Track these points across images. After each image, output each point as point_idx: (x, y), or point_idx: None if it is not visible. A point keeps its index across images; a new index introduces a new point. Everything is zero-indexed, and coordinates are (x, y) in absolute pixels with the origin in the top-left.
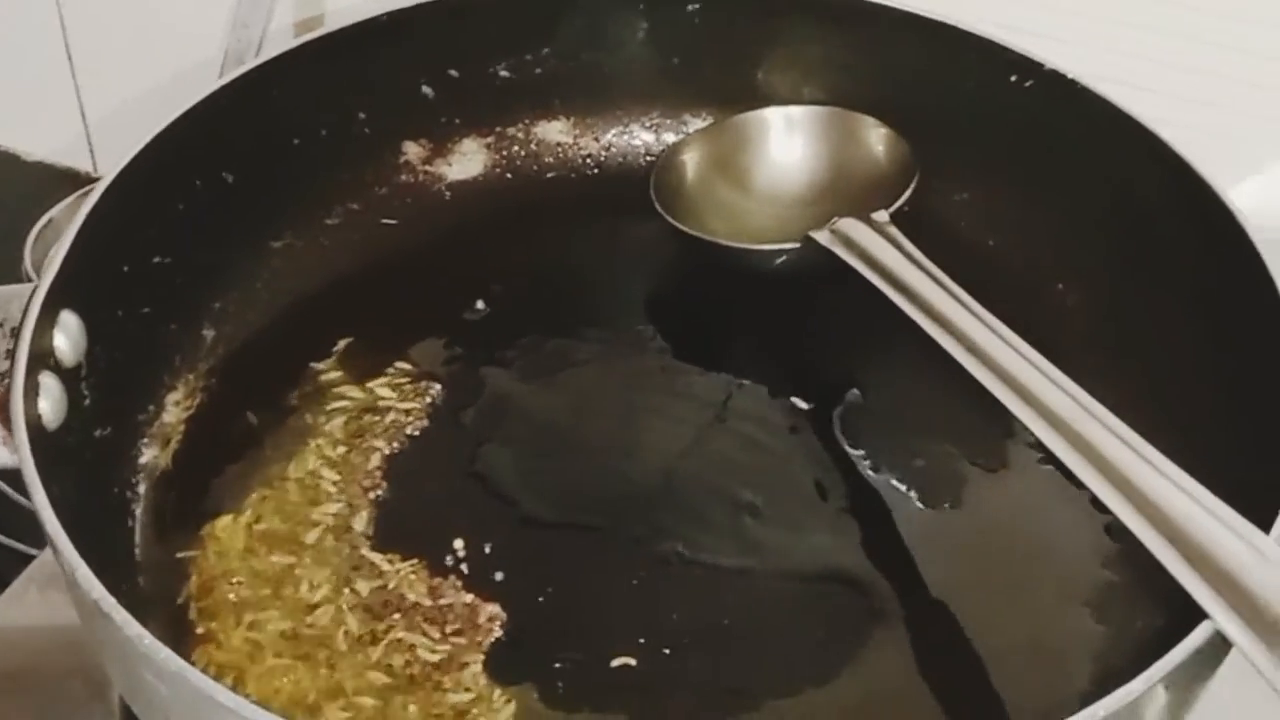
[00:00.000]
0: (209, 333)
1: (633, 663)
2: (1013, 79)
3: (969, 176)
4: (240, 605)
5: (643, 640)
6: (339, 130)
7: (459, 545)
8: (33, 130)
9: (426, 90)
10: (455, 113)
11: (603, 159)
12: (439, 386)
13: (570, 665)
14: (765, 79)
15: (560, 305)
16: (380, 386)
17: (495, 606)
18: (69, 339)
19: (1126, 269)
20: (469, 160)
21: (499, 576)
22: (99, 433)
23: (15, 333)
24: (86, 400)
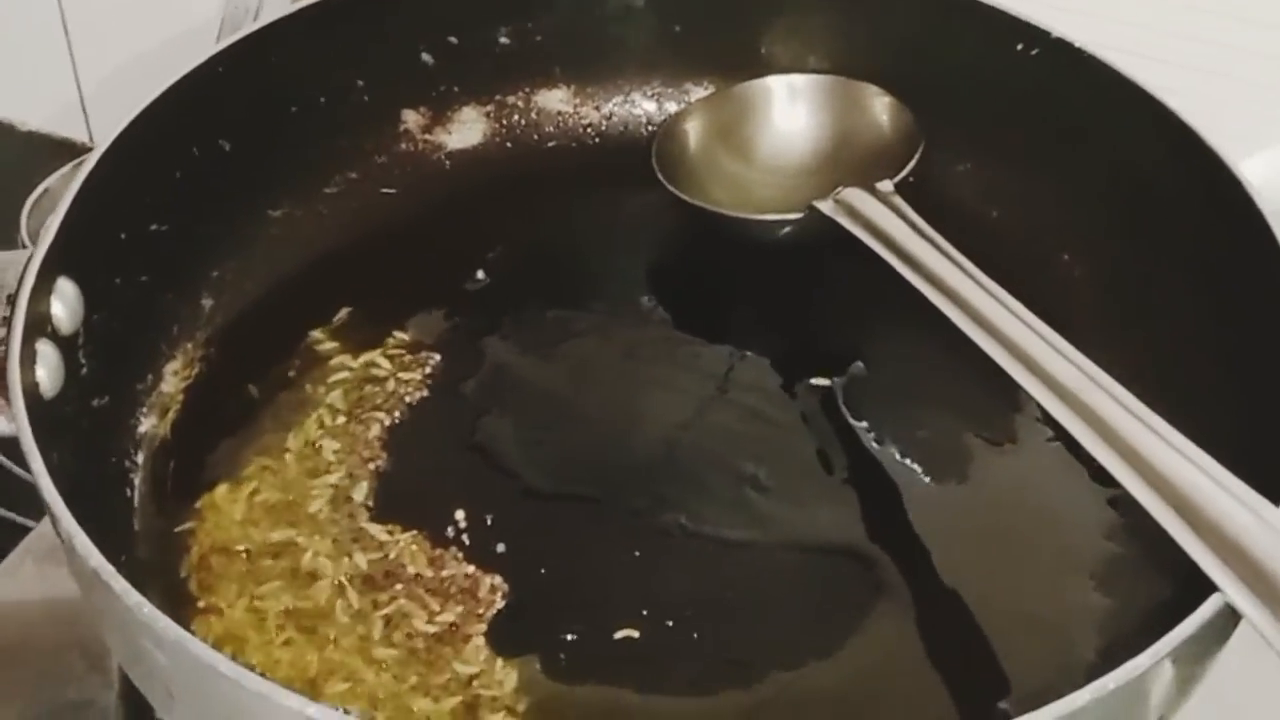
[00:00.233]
0: (207, 302)
1: (635, 634)
2: (1019, 47)
3: (973, 146)
4: (240, 577)
5: (645, 612)
6: (337, 98)
7: (460, 516)
8: (28, 99)
9: (426, 58)
10: (455, 81)
11: (604, 128)
12: (439, 357)
13: (573, 637)
14: (768, 47)
15: (561, 275)
16: (380, 356)
17: (497, 578)
18: (66, 306)
19: (1132, 240)
20: (469, 129)
21: (500, 548)
22: (97, 402)
23: (12, 300)
24: (84, 369)
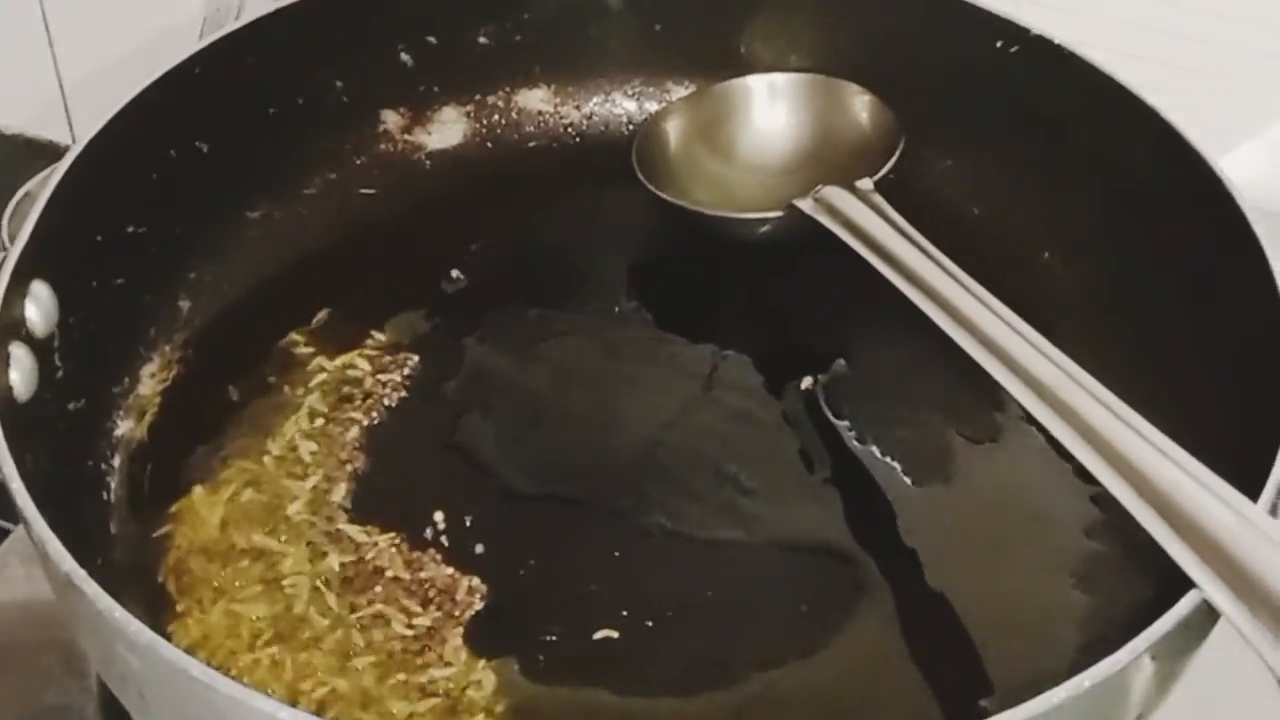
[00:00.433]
0: (184, 304)
1: (615, 635)
2: (999, 44)
3: (954, 144)
4: (218, 580)
5: (625, 612)
6: (316, 98)
7: (439, 518)
8: (9, 102)
9: (405, 58)
10: (434, 81)
11: (584, 127)
12: (418, 358)
13: (552, 638)
14: (748, 46)
15: (542, 275)
16: (359, 358)
17: (476, 579)
18: (40, 309)
19: (1113, 237)
20: (448, 129)
21: (479, 549)
22: (72, 405)
23: None
24: (59, 372)
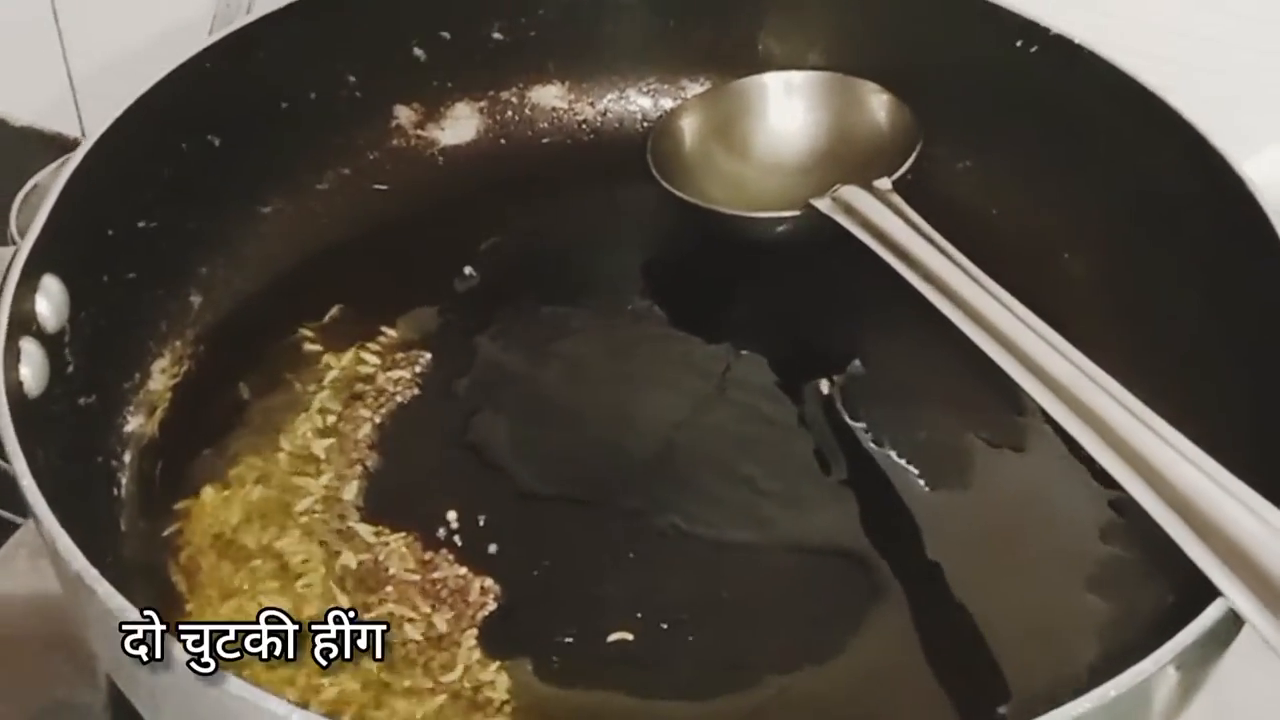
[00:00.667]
0: (196, 299)
1: (629, 637)
2: (1018, 44)
3: (973, 143)
4: (228, 578)
5: (640, 614)
6: (329, 93)
7: (452, 517)
8: (19, 94)
9: (418, 52)
10: (448, 76)
11: (599, 124)
12: (430, 355)
13: (566, 640)
14: (765, 43)
15: (555, 273)
16: (371, 355)
17: (489, 580)
18: (51, 304)
19: (1134, 239)
20: (462, 125)
21: (493, 549)
22: (83, 400)
23: None
24: (70, 367)
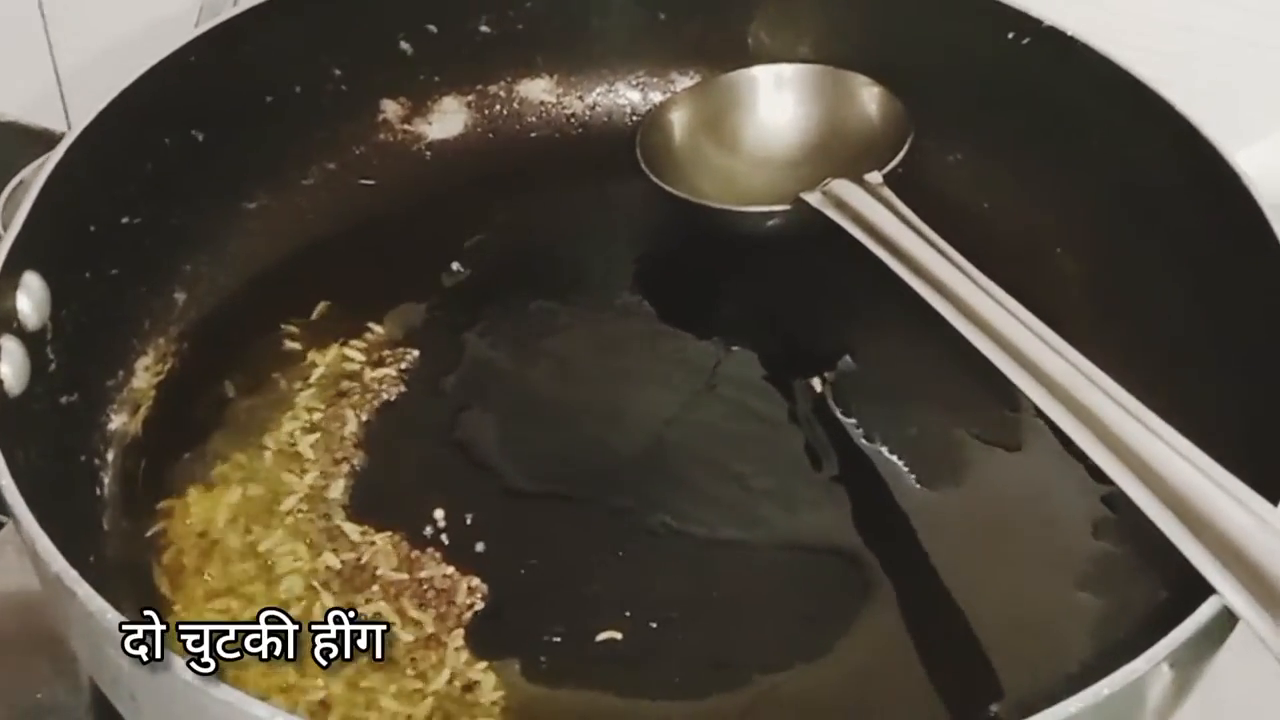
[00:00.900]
0: (180, 296)
1: (618, 636)
2: (1010, 36)
3: (964, 137)
4: (212, 578)
5: (628, 613)
6: (314, 87)
7: (439, 515)
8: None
9: (405, 46)
10: (435, 70)
11: (587, 118)
12: (417, 351)
13: (554, 639)
14: (755, 36)
15: (543, 268)
16: (357, 352)
17: (476, 579)
18: (32, 301)
19: (1127, 232)
20: (449, 119)
21: (480, 548)
22: (65, 399)
23: None
24: (52, 365)
